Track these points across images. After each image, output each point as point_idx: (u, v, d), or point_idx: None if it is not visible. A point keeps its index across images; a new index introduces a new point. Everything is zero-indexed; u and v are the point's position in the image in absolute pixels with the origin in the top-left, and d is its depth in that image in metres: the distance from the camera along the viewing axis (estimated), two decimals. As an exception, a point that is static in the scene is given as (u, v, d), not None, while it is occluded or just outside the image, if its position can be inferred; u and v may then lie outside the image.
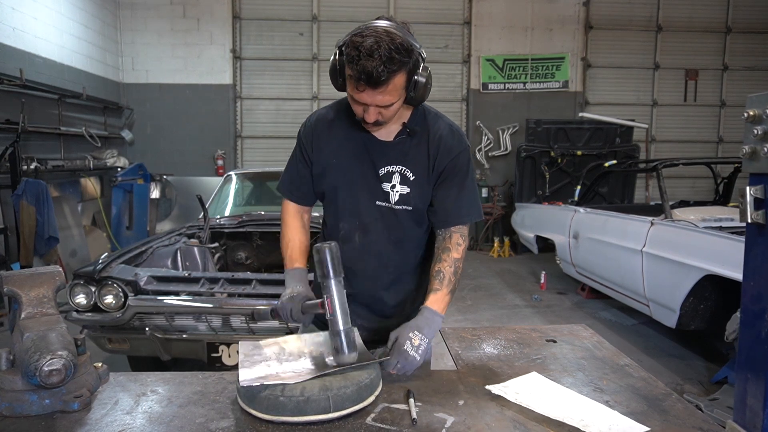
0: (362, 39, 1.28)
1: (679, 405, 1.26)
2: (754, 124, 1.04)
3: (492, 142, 9.32)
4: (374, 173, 1.53)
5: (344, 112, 1.55)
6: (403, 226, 1.56)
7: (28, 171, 5.61)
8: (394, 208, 1.54)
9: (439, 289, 1.46)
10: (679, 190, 8.80)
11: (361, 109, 1.39)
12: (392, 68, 1.28)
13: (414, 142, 1.53)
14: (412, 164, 1.52)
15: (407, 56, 1.31)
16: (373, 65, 1.26)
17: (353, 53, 1.28)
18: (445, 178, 1.53)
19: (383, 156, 1.53)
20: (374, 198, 1.54)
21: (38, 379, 1.13)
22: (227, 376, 1.41)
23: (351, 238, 1.58)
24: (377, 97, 1.33)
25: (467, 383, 1.37)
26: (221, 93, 8.93)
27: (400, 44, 1.28)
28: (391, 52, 1.26)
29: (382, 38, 1.27)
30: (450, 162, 1.52)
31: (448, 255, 1.50)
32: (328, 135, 1.57)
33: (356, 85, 1.31)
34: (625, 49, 9.51)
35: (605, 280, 4.90)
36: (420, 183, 1.52)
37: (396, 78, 1.31)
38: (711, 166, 5.70)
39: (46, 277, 1.28)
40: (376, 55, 1.25)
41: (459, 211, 1.54)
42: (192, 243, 3.99)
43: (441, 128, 1.54)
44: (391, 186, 1.52)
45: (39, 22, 6.27)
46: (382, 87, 1.30)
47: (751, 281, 1.10)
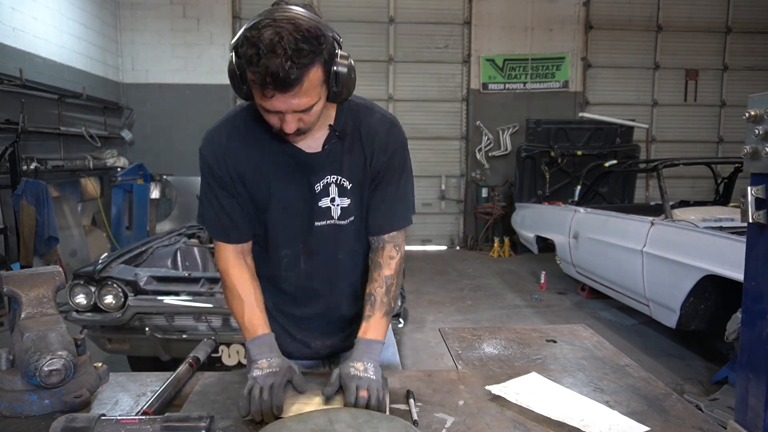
0: (259, 32, 1.03)
1: (679, 405, 1.26)
2: (755, 123, 1.04)
3: (492, 142, 9.32)
4: (309, 191, 1.32)
5: (254, 124, 1.28)
6: (349, 241, 1.39)
7: (28, 171, 5.61)
8: (338, 223, 1.35)
9: (371, 315, 1.32)
10: (679, 190, 8.80)
11: (276, 119, 1.14)
12: (302, 62, 1.04)
13: (346, 145, 1.31)
14: (347, 171, 1.32)
15: (318, 44, 1.06)
16: (278, 63, 1.01)
17: (251, 51, 1.03)
18: (381, 180, 1.34)
19: (315, 169, 1.30)
20: (313, 219, 1.34)
21: (38, 379, 1.13)
22: (227, 376, 1.41)
23: (296, 265, 1.40)
24: (292, 102, 1.09)
25: (467, 383, 1.37)
26: (221, 93, 8.92)
27: (307, 30, 1.04)
28: (298, 42, 1.02)
29: (283, 27, 1.03)
30: (386, 161, 1.33)
31: (379, 273, 1.34)
32: (245, 156, 1.29)
33: (263, 92, 1.07)
34: (625, 49, 9.51)
35: (605, 280, 4.90)
36: (358, 190, 1.34)
37: (310, 74, 1.07)
38: (711, 166, 5.70)
39: (46, 277, 1.28)
40: (279, 50, 1.01)
41: (393, 217, 1.37)
42: (192, 243, 4.00)
43: (374, 123, 1.33)
44: (331, 200, 1.33)
45: (39, 22, 6.27)
46: (295, 88, 1.06)
47: (752, 281, 1.10)
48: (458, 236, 9.66)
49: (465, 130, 9.46)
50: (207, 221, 1.38)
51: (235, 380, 1.37)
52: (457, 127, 9.49)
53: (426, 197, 9.14)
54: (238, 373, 1.45)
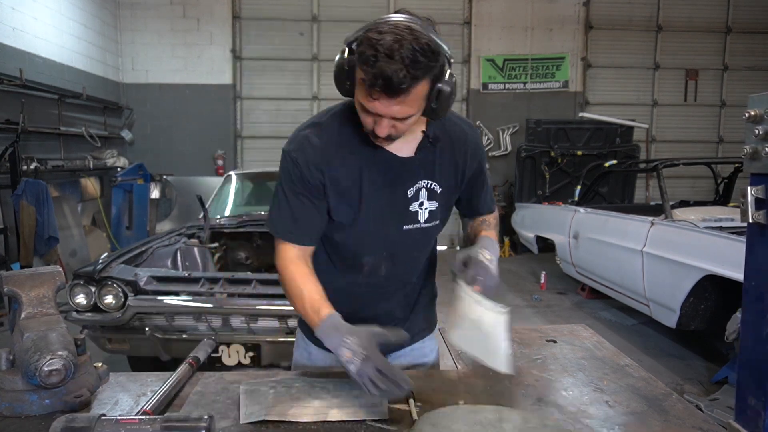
0: (380, 36, 1.05)
1: (679, 405, 1.26)
2: (755, 124, 1.04)
3: (492, 142, 9.32)
4: (402, 196, 1.33)
5: (347, 128, 1.30)
6: (429, 242, 1.47)
7: (28, 171, 5.61)
8: (423, 227, 1.37)
9: (488, 228, 1.49)
10: (679, 190, 8.79)
11: (371, 120, 1.16)
12: (416, 74, 1.06)
13: (438, 152, 1.34)
14: (439, 177, 1.35)
15: (434, 60, 1.08)
16: (394, 69, 1.03)
17: (369, 52, 1.05)
18: (477, 178, 1.46)
19: (408, 174, 1.32)
20: (402, 223, 1.35)
21: (38, 379, 1.13)
22: (227, 376, 1.41)
23: (377, 271, 1.40)
24: (394, 108, 1.11)
25: (467, 383, 1.37)
26: (221, 93, 8.93)
27: (426, 44, 1.06)
28: (416, 53, 1.04)
29: (404, 36, 1.05)
30: (479, 162, 1.44)
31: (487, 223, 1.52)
32: (339, 161, 1.29)
33: (370, 92, 1.09)
34: (625, 49, 9.51)
35: (605, 280, 4.90)
36: (447, 194, 1.38)
37: (419, 86, 1.09)
38: (711, 166, 5.70)
39: (46, 277, 1.28)
40: (397, 57, 1.03)
41: (488, 202, 1.54)
42: (192, 243, 3.99)
43: (461, 128, 1.39)
44: (419, 204, 1.34)
45: (39, 22, 6.27)
46: (402, 96, 1.08)
47: (752, 281, 1.10)
48: (458, 236, 9.66)
49: (465, 130, 9.45)
50: (280, 223, 1.34)
51: (235, 380, 1.37)
52: (457, 127, 9.49)
53: (426, 197, 9.13)
54: (239, 373, 1.45)
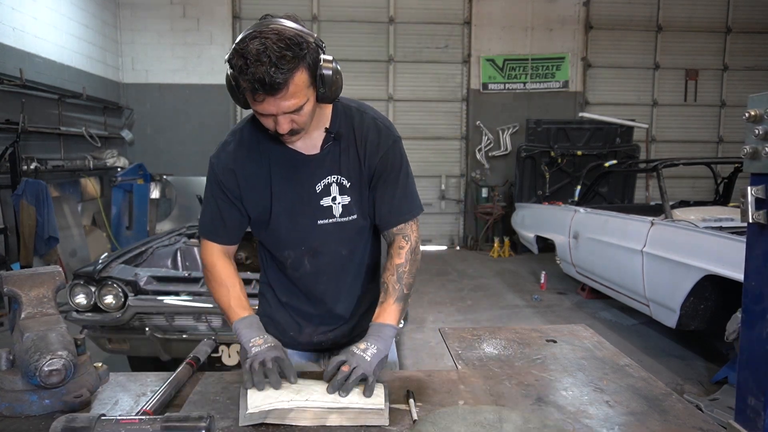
0: (245, 44, 1.14)
1: (679, 405, 1.26)
2: (755, 124, 1.04)
3: (492, 142, 9.32)
4: (311, 191, 1.41)
5: (257, 132, 1.40)
6: (351, 237, 1.48)
7: (28, 171, 5.62)
8: (340, 221, 1.43)
9: (383, 301, 1.40)
10: (679, 190, 8.80)
11: (270, 121, 1.25)
12: (286, 67, 1.14)
13: (343, 146, 1.41)
14: (346, 171, 1.41)
15: (300, 50, 1.16)
16: (264, 70, 1.12)
17: (239, 62, 1.15)
18: (379, 178, 1.43)
19: (315, 170, 1.40)
20: (315, 218, 1.42)
21: (38, 379, 1.13)
22: (227, 376, 1.41)
23: (301, 264, 1.48)
24: (281, 104, 1.19)
25: (467, 383, 1.37)
26: (221, 93, 8.89)
27: (288, 39, 1.15)
28: (282, 50, 1.13)
29: (267, 37, 1.14)
30: (380, 160, 1.41)
31: (390, 263, 1.43)
32: (250, 163, 1.41)
33: (254, 96, 1.18)
34: (625, 49, 9.51)
35: (605, 280, 4.90)
36: (357, 188, 1.43)
37: (295, 77, 1.17)
38: (711, 166, 5.70)
39: (46, 277, 1.28)
40: (265, 58, 1.12)
41: (399, 209, 1.45)
42: (192, 243, 3.99)
43: (365, 125, 1.42)
44: (332, 198, 1.42)
45: (39, 22, 6.27)
46: (282, 91, 1.16)
47: (752, 281, 1.10)
48: (458, 236, 9.67)
49: (465, 130, 9.46)
50: (204, 225, 1.50)
51: (235, 380, 1.37)
52: (457, 127, 9.50)
53: (426, 197, 9.13)
54: (238, 373, 1.45)
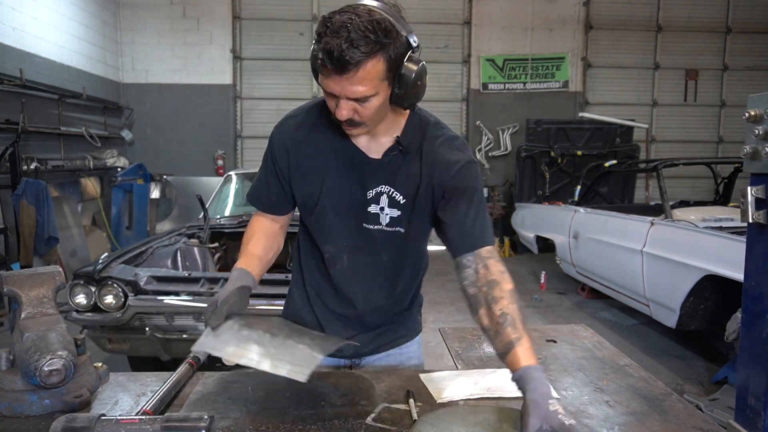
0: (334, 15, 1.08)
1: (679, 405, 1.26)
2: (755, 124, 1.04)
3: (492, 142, 9.32)
4: (362, 195, 1.33)
5: (325, 119, 1.33)
6: (396, 245, 1.38)
7: (28, 171, 5.62)
8: (386, 230, 1.35)
9: (519, 337, 1.10)
10: (679, 190, 8.79)
11: (333, 102, 1.17)
12: (362, 49, 1.05)
13: (406, 159, 1.31)
14: (401, 185, 1.32)
15: (385, 37, 1.08)
16: (338, 43, 1.04)
17: (320, 30, 1.08)
18: (453, 196, 1.29)
19: (371, 176, 1.32)
20: (361, 221, 1.35)
21: (38, 379, 1.13)
22: (227, 376, 1.41)
23: (338, 260, 1.41)
24: (347, 86, 1.11)
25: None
26: (221, 93, 8.93)
27: (377, 22, 1.06)
28: (366, 30, 1.05)
29: (358, 14, 1.07)
30: (451, 178, 1.29)
31: (501, 289, 1.18)
32: (308, 146, 1.35)
33: (321, 69, 1.11)
34: (625, 49, 9.51)
35: (605, 280, 4.90)
36: (410, 206, 1.33)
37: (369, 63, 1.08)
38: (711, 166, 5.70)
39: (46, 277, 1.28)
40: (344, 33, 1.04)
41: (482, 231, 1.29)
42: (192, 243, 3.99)
43: (438, 140, 1.32)
44: (380, 208, 1.34)
45: (39, 22, 6.27)
46: (350, 72, 1.08)
47: (752, 281, 1.10)
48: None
49: (465, 130, 9.46)
50: (253, 193, 1.48)
51: (235, 380, 1.37)
52: (457, 127, 9.49)
53: (426, 197, 9.12)
54: (239, 373, 1.45)
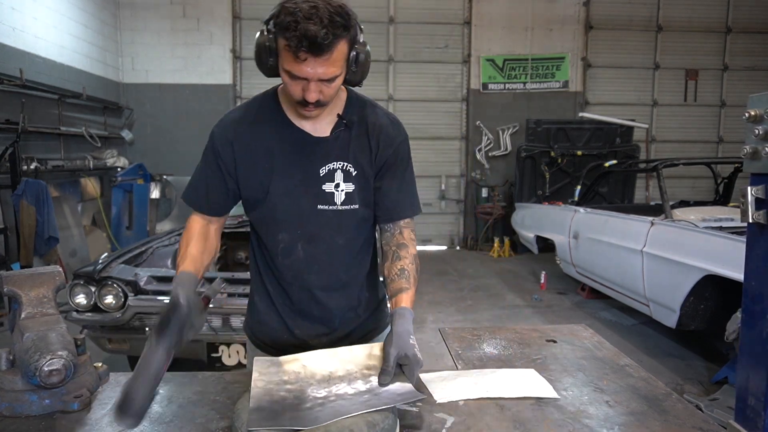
0: (296, 5, 1.15)
1: (679, 405, 1.25)
2: (755, 124, 1.04)
3: (492, 142, 9.32)
4: (314, 174, 1.37)
5: (266, 110, 1.40)
6: (350, 227, 1.43)
7: (28, 171, 5.61)
8: (340, 209, 1.39)
9: (407, 288, 1.34)
10: (679, 190, 8.80)
11: (300, 87, 1.22)
12: (335, 32, 1.15)
13: (353, 134, 1.39)
14: (353, 159, 1.39)
15: (348, 21, 1.18)
16: (316, 28, 1.12)
17: (289, 19, 1.13)
18: (387, 170, 1.42)
19: (322, 153, 1.37)
20: (316, 202, 1.38)
21: (38, 379, 1.13)
22: (227, 376, 1.41)
23: (294, 251, 1.42)
24: (320, 69, 1.18)
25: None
26: (221, 93, 8.93)
27: (339, 7, 1.17)
28: (332, 15, 1.14)
29: (318, 1, 1.15)
30: (392, 152, 1.41)
31: (406, 251, 1.40)
32: (252, 137, 1.38)
33: (296, 54, 1.15)
34: (625, 49, 9.51)
35: (605, 280, 4.90)
36: (362, 178, 1.40)
37: (339, 44, 1.18)
38: (711, 166, 5.70)
39: (46, 277, 1.28)
40: (316, 18, 1.12)
41: (406, 203, 1.44)
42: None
43: (379, 117, 1.42)
44: (335, 185, 1.38)
45: (39, 22, 6.27)
46: (327, 54, 1.16)
47: (752, 281, 1.10)
48: (458, 236, 9.67)
49: (465, 130, 9.46)
50: (188, 192, 1.46)
51: (235, 380, 1.37)
52: (457, 127, 9.50)
53: (426, 197, 9.14)
54: (239, 373, 1.45)
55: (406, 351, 1.20)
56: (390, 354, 1.19)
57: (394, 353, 1.19)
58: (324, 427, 1.02)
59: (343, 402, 1.11)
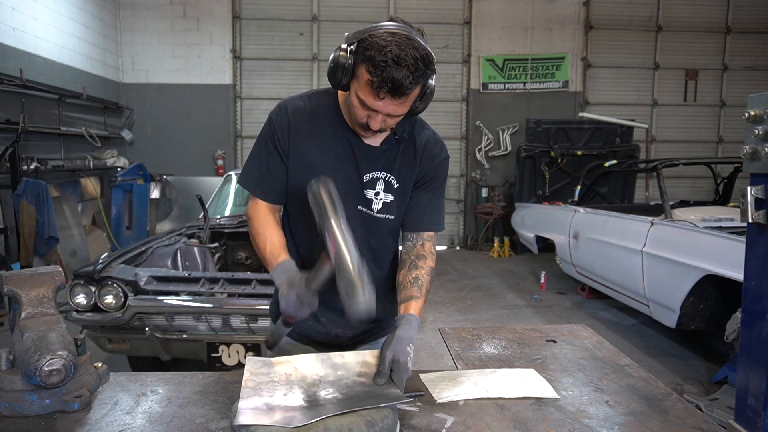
0: (387, 43, 1.19)
1: (679, 405, 1.26)
2: (754, 124, 1.04)
3: (492, 142, 9.32)
4: (358, 178, 1.43)
5: (325, 108, 1.44)
6: (382, 235, 1.50)
7: (28, 171, 5.62)
8: (375, 216, 1.46)
9: (418, 297, 1.39)
10: (679, 190, 8.80)
11: (366, 114, 1.28)
12: (417, 80, 1.21)
13: (401, 148, 1.46)
14: (397, 172, 1.45)
15: (429, 68, 1.24)
16: (403, 75, 1.18)
17: (378, 58, 1.18)
18: (424, 183, 1.49)
19: (369, 161, 1.43)
20: (356, 203, 1.44)
21: (38, 379, 1.13)
22: (227, 376, 1.41)
23: None
24: (394, 108, 1.25)
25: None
26: (221, 93, 8.93)
27: (424, 55, 1.21)
28: (417, 62, 1.19)
29: (405, 45, 1.19)
30: (432, 168, 1.48)
31: (424, 263, 1.44)
32: (308, 130, 1.43)
33: (377, 93, 1.21)
34: (625, 49, 9.51)
35: (605, 280, 4.90)
36: (403, 191, 1.47)
37: (416, 90, 1.25)
38: (711, 166, 5.70)
39: (46, 277, 1.28)
40: (404, 64, 1.17)
41: (432, 217, 1.50)
42: (192, 243, 3.99)
43: (426, 135, 1.49)
44: (375, 193, 1.44)
45: (39, 22, 6.27)
46: (404, 98, 1.23)
47: (752, 281, 1.10)
48: (458, 236, 9.67)
49: (465, 130, 9.46)
50: (250, 177, 1.47)
51: (235, 380, 1.37)
52: (457, 127, 9.50)
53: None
54: (239, 373, 1.45)
55: (399, 356, 1.23)
56: (386, 356, 1.23)
57: (389, 356, 1.23)
58: (323, 425, 1.02)
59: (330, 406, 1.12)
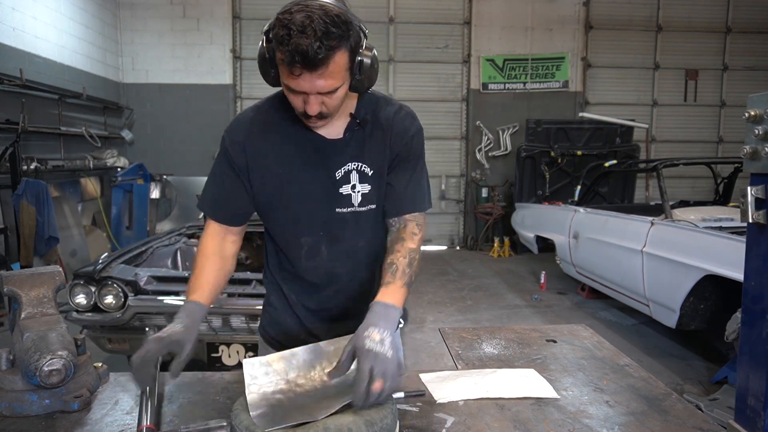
0: (291, 15, 1.10)
1: (679, 405, 1.26)
2: (755, 124, 1.04)
3: (492, 142, 9.32)
4: (329, 177, 1.35)
5: (277, 111, 1.36)
6: (370, 226, 1.41)
7: (28, 171, 5.61)
8: (358, 210, 1.38)
9: (391, 281, 1.26)
10: (679, 190, 8.80)
11: (300, 100, 1.20)
12: (330, 44, 1.10)
13: (367, 132, 1.36)
14: (368, 158, 1.36)
15: (346, 30, 1.12)
16: (308, 42, 1.07)
17: (282, 32, 1.09)
18: (399, 163, 1.37)
19: (336, 156, 1.35)
20: (333, 205, 1.36)
21: (38, 379, 1.13)
22: (227, 376, 1.41)
23: (317, 252, 1.41)
24: (317, 82, 1.14)
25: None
26: (221, 93, 8.93)
27: (336, 16, 1.10)
28: (327, 25, 1.09)
29: (314, 11, 1.09)
30: (404, 145, 1.37)
31: (402, 245, 1.32)
32: (265, 140, 1.35)
33: (291, 70, 1.12)
34: (625, 49, 9.51)
35: (605, 280, 4.90)
36: (379, 176, 1.37)
37: (336, 56, 1.13)
38: (711, 166, 5.70)
39: (46, 277, 1.28)
40: (310, 31, 1.07)
41: (413, 197, 1.38)
42: (192, 243, 3.99)
43: (393, 111, 1.38)
44: (351, 187, 1.36)
45: (39, 22, 6.27)
46: (322, 68, 1.11)
47: (752, 281, 1.10)
48: (458, 236, 9.67)
49: (465, 130, 9.46)
50: (204, 200, 1.43)
51: (235, 380, 1.37)
52: (457, 127, 9.50)
53: (426, 197, 9.12)
54: (238, 373, 1.45)
55: (354, 343, 1.11)
56: (344, 349, 1.13)
57: (348, 348, 1.12)
58: (323, 425, 1.02)
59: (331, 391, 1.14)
